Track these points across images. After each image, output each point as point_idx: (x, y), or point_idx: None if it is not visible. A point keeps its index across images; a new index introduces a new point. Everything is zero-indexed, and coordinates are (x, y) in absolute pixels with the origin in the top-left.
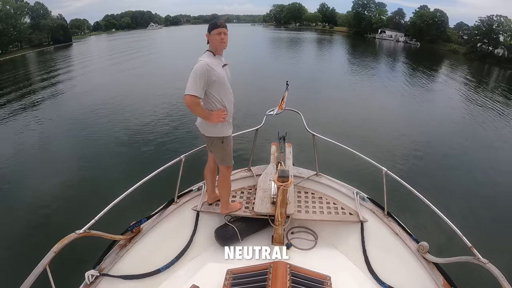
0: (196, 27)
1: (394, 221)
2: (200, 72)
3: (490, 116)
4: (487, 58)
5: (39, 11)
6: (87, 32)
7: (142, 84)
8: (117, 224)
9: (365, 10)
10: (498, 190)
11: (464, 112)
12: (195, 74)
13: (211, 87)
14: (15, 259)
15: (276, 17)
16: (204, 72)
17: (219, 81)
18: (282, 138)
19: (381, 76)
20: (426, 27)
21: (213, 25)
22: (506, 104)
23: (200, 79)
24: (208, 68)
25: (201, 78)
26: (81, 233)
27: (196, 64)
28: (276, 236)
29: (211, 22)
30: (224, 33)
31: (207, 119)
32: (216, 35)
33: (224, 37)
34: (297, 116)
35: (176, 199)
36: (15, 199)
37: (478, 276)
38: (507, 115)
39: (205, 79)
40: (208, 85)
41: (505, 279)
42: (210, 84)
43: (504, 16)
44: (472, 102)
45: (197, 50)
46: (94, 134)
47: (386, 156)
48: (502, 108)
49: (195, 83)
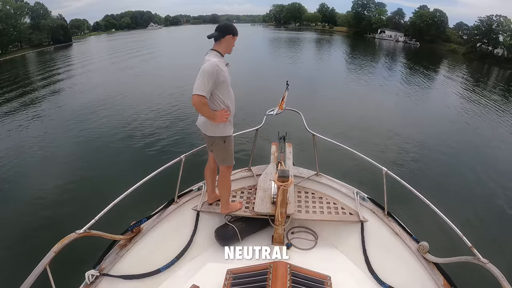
0: (196, 27)
1: (394, 221)
2: (210, 72)
3: (490, 116)
4: (487, 58)
5: (39, 11)
6: (87, 32)
7: (142, 83)
8: (117, 224)
9: (365, 10)
10: (498, 189)
11: (463, 112)
12: (204, 74)
13: (218, 88)
14: (15, 259)
15: (276, 17)
16: (214, 73)
17: (226, 82)
18: (282, 138)
19: (380, 76)
20: (425, 27)
21: (234, 31)
22: (506, 104)
23: (209, 79)
24: (217, 69)
25: (210, 78)
26: (81, 233)
27: (205, 64)
28: (276, 236)
29: (232, 26)
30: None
31: (211, 119)
32: (233, 40)
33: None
34: (297, 116)
35: (176, 199)
36: (15, 199)
37: (478, 276)
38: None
39: (213, 79)
40: (215, 86)
41: (505, 279)
42: (217, 85)
43: (504, 16)
44: (471, 101)
45: (196, 50)
46: (94, 134)
47: (386, 156)
48: (501, 107)
49: (203, 83)
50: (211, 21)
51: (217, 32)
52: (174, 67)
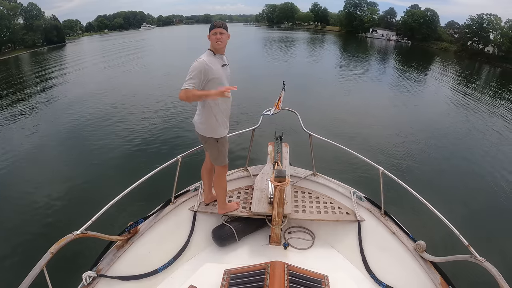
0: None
1: (391, 220)
2: (197, 70)
3: (484, 113)
4: (478, 56)
5: (33, 11)
6: (80, 33)
7: (137, 84)
8: (114, 224)
9: (357, 9)
10: (495, 188)
11: (458, 110)
12: (191, 71)
13: (208, 86)
14: (12, 261)
15: (269, 16)
16: (201, 70)
17: (216, 80)
18: (279, 138)
19: (372, 74)
20: (417, 26)
21: (211, 26)
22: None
23: (195, 76)
24: (206, 67)
25: (197, 75)
26: (78, 234)
27: (194, 62)
28: (273, 236)
29: (210, 24)
30: (220, 32)
31: (206, 97)
32: (212, 35)
33: (220, 36)
34: (294, 116)
35: (173, 200)
36: (12, 200)
37: (475, 275)
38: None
39: (200, 76)
40: (205, 83)
41: (502, 277)
42: (207, 83)
43: (494, 14)
44: (464, 99)
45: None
46: (91, 135)
47: (382, 155)
48: (494, 104)
49: (188, 78)
50: (204, 21)
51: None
52: (171, 67)
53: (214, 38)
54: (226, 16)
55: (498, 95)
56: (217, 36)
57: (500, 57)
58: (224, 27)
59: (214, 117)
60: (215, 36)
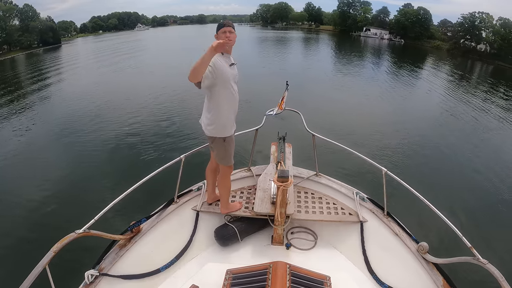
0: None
1: (394, 221)
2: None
3: (487, 114)
4: (470, 54)
5: (28, 13)
6: (74, 34)
7: (140, 83)
8: (117, 223)
9: (351, 8)
10: (498, 190)
11: (459, 110)
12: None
13: (216, 85)
14: (14, 259)
15: (263, 16)
16: (214, 63)
17: (224, 80)
18: (282, 138)
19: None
20: (410, 25)
21: (220, 26)
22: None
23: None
24: (212, 67)
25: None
26: (80, 232)
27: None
28: (276, 236)
29: (218, 24)
30: (229, 31)
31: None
32: (222, 34)
33: (230, 35)
34: (297, 116)
35: (176, 199)
36: (14, 199)
37: (477, 277)
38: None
39: (213, 65)
40: (212, 83)
41: (505, 279)
42: (214, 82)
43: (486, 12)
44: (462, 96)
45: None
46: (94, 134)
47: (385, 155)
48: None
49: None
50: (198, 21)
51: None
52: (172, 66)
53: (223, 36)
54: (220, 16)
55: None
56: (227, 35)
57: (492, 55)
58: (232, 26)
59: (222, 115)
60: (225, 34)
